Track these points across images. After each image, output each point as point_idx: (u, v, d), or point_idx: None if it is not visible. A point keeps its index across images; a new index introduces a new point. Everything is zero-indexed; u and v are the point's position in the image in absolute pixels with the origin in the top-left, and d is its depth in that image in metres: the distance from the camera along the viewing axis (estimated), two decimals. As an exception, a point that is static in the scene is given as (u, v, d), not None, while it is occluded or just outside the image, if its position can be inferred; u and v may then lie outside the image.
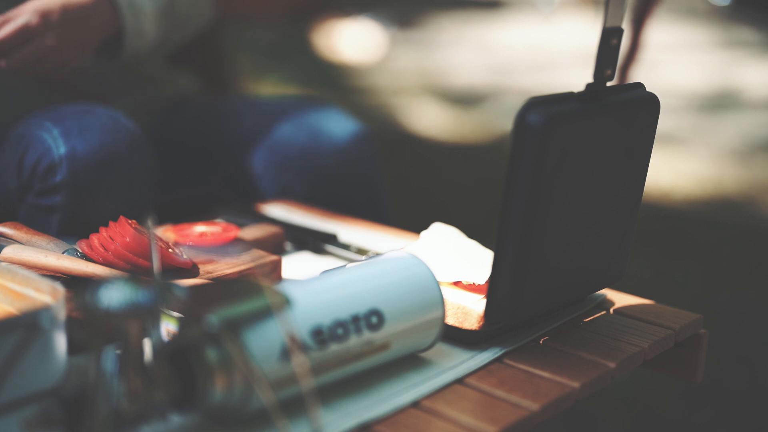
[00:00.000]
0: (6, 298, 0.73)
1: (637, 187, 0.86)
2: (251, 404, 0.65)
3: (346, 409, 0.70)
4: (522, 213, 0.74)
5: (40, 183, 0.98)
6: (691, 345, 0.91)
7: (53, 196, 0.99)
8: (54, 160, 0.97)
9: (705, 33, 5.61)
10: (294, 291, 0.69)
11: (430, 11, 5.96)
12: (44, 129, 1.00)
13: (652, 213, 2.66)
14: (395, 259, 0.77)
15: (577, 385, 0.76)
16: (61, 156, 0.97)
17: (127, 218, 0.89)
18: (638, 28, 2.90)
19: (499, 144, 3.28)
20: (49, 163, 0.98)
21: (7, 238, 0.91)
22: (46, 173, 0.98)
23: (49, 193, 0.99)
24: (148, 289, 0.58)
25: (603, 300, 0.94)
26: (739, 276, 2.42)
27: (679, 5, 6.11)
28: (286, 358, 0.65)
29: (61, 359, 0.64)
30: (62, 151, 0.97)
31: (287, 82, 4.03)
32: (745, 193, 3.03)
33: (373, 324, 0.71)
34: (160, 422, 0.64)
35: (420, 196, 2.79)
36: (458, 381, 0.76)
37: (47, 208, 0.99)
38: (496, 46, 5.20)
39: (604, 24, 0.76)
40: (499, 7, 6.31)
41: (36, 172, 0.99)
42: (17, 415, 0.60)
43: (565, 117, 0.75)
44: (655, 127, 0.85)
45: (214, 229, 1.00)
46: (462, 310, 0.82)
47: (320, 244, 1.07)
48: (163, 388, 0.61)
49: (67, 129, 0.99)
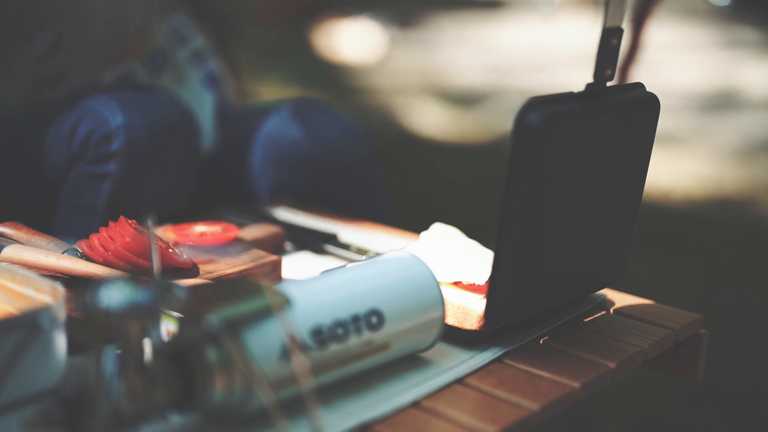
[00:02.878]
0: (6, 298, 0.73)
1: (637, 187, 0.86)
2: (251, 404, 0.65)
3: (346, 409, 0.70)
4: (522, 213, 0.74)
5: (93, 151, 1.03)
6: (691, 345, 0.91)
7: (107, 163, 1.03)
8: (110, 129, 1.02)
9: (705, 33, 5.61)
10: (294, 291, 0.69)
11: (430, 11, 5.96)
12: (100, 101, 1.04)
13: (652, 213, 2.66)
14: (395, 259, 0.77)
15: (577, 385, 0.76)
16: (118, 125, 1.02)
17: (127, 218, 0.89)
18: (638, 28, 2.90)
19: (499, 144, 3.28)
20: (105, 132, 1.02)
21: (7, 238, 0.91)
22: (101, 142, 1.02)
23: (103, 161, 1.03)
24: (148, 289, 0.58)
25: (603, 300, 0.94)
26: (739, 276, 2.42)
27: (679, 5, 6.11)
28: (286, 358, 0.65)
29: (61, 359, 0.64)
30: (119, 120, 1.02)
31: (287, 82, 4.02)
32: (745, 193, 3.03)
33: (373, 324, 0.71)
34: (160, 422, 0.64)
35: (420, 196, 2.79)
36: (458, 381, 0.76)
37: (99, 175, 1.04)
38: (496, 46, 5.20)
39: (604, 24, 0.76)
40: (499, 7, 6.31)
41: (90, 141, 1.03)
42: (17, 415, 0.60)
43: (565, 117, 0.75)
44: (655, 127, 0.85)
45: (214, 229, 1.00)
46: (462, 310, 0.82)
47: (320, 244, 1.07)
48: (163, 388, 0.61)
49: (124, 102, 1.03)
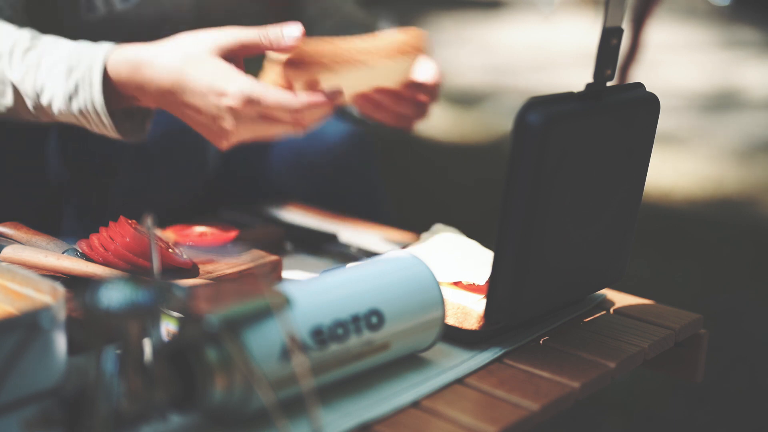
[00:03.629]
0: (6, 298, 0.73)
1: (637, 187, 0.86)
2: (251, 404, 0.65)
3: (346, 409, 0.70)
4: (522, 213, 0.74)
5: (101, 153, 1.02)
6: (691, 345, 0.91)
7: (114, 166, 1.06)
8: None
9: (705, 33, 5.62)
10: (294, 291, 0.69)
11: (430, 11, 5.96)
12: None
13: (652, 213, 2.66)
14: (395, 259, 0.77)
15: (577, 385, 0.76)
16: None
17: (127, 219, 0.89)
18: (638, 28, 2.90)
19: (499, 144, 3.28)
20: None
21: (7, 238, 0.91)
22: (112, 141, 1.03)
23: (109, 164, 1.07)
24: (148, 289, 0.58)
25: (603, 300, 0.94)
26: (739, 276, 2.42)
27: (679, 5, 6.11)
28: (286, 358, 0.65)
29: (61, 359, 0.64)
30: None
31: (287, 82, 4.02)
32: (745, 193, 3.03)
33: (373, 324, 0.71)
34: (160, 422, 0.64)
35: (420, 196, 2.79)
36: (458, 381, 0.76)
37: (106, 178, 1.07)
38: (496, 46, 5.20)
39: (604, 24, 0.76)
40: (499, 7, 6.32)
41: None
42: (17, 415, 0.60)
43: (565, 117, 0.75)
44: (655, 127, 0.85)
45: (214, 229, 1.00)
46: (462, 310, 0.82)
47: (320, 244, 1.07)
48: (163, 388, 0.61)
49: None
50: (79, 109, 0.92)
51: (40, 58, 0.92)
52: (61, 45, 0.93)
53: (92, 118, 0.92)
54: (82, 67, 0.91)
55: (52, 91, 0.92)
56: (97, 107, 0.91)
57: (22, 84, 0.93)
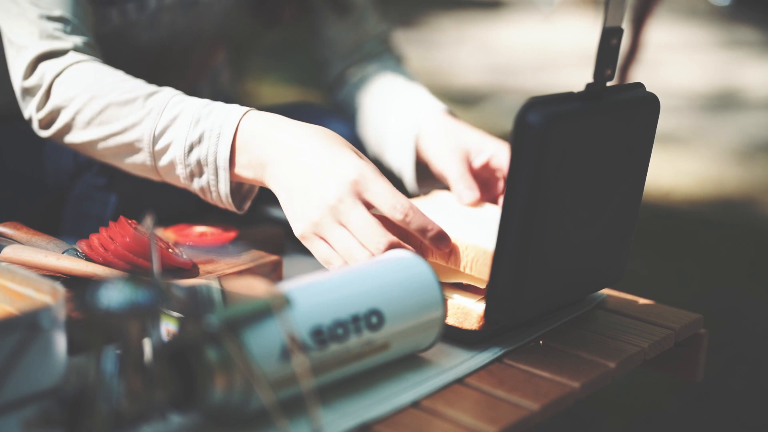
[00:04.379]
0: (6, 298, 0.73)
1: (637, 187, 0.86)
2: (251, 404, 0.65)
3: (346, 409, 0.70)
4: (522, 213, 0.74)
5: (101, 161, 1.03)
6: (691, 345, 0.91)
7: (114, 175, 1.05)
8: None
9: (705, 33, 5.62)
10: (294, 291, 0.69)
11: (430, 11, 5.96)
12: None
13: (652, 213, 2.66)
14: (395, 259, 0.77)
15: (577, 385, 0.76)
16: None
17: (127, 219, 0.89)
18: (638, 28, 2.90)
19: (499, 144, 3.28)
20: None
21: (7, 238, 0.91)
22: None
23: (110, 172, 1.05)
24: (148, 289, 0.58)
25: (603, 300, 0.94)
26: (739, 276, 2.42)
27: (679, 5, 6.11)
28: (286, 358, 0.65)
29: (61, 359, 0.64)
30: None
31: (287, 82, 4.03)
32: (745, 193, 3.03)
33: (373, 324, 0.71)
34: (160, 422, 0.64)
35: (420, 196, 2.79)
36: (458, 381, 0.76)
37: (106, 186, 1.06)
38: (497, 46, 5.20)
39: (604, 24, 0.76)
40: (499, 7, 6.32)
41: None
42: (17, 415, 0.60)
43: (565, 117, 0.75)
44: (655, 127, 0.85)
45: (214, 229, 1.00)
46: (462, 310, 0.82)
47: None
48: (163, 388, 0.61)
49: None
50: (197, 159, 0.89)
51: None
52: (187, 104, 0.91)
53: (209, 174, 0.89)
54: (212, 117, 0.89)
55: (172, 136, 0.90)
56: (219, 161, 0.88)
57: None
